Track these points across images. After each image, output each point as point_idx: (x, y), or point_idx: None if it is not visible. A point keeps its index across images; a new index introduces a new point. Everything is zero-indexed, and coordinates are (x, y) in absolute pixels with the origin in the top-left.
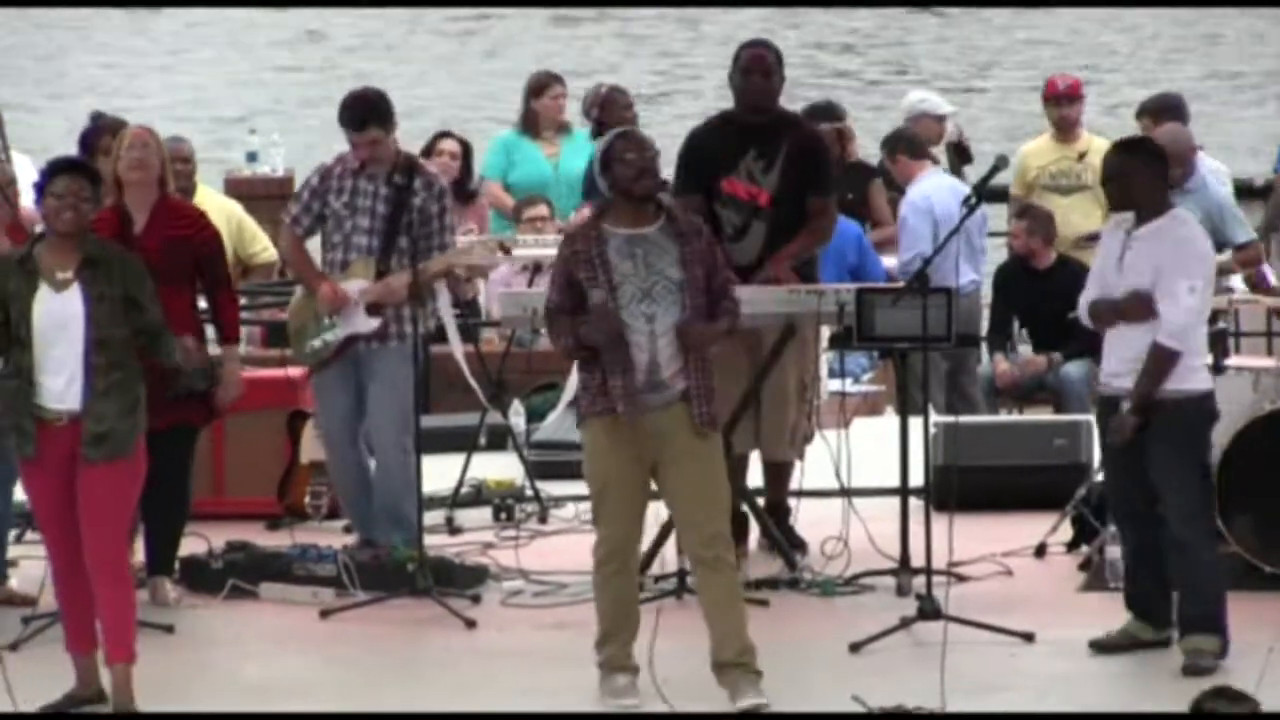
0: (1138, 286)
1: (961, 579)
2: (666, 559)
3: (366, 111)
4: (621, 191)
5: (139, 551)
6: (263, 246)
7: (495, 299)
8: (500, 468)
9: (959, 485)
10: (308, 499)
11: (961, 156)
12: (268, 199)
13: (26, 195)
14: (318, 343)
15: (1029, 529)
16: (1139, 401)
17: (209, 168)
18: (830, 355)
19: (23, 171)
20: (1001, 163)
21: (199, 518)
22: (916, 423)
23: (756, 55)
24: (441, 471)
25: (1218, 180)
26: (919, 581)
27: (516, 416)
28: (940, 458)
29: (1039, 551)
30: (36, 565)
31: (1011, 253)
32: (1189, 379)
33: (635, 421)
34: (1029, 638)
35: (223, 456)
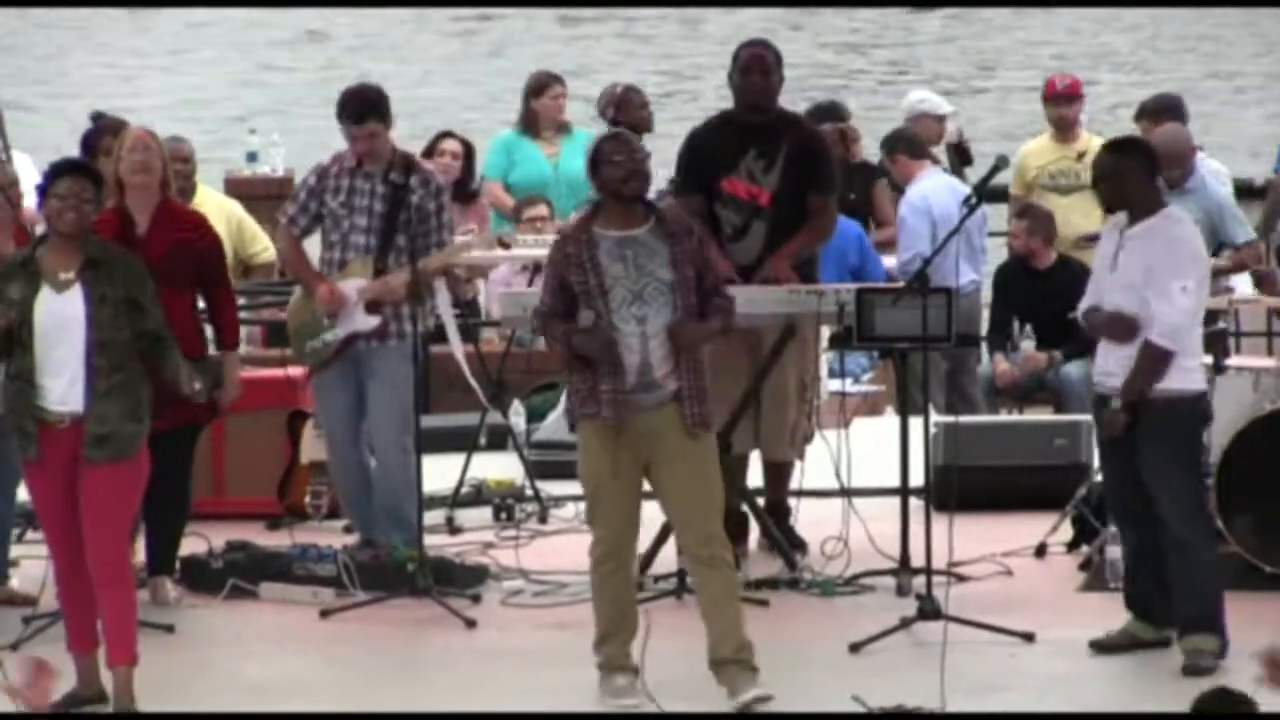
0: (1130, 285)
1: (961, 579)
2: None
3: (365, 105)
4: (611, 193)
5: (139, 551)
6: (263, 246)
7: (495, 299)
8: (500, 468)
9: (959, 485)
10: (308, 499)
11: (962, 158)
12: (268, 199)
13: (28, 196)
14: (318, 343)
15: (1029, 529)
16: (1128, 397)
17: (209, 168)
18: (830, 355)
19: (23, 170)
20: (1001, 163)
21: (199, 518)
22: (916, 423)
23: (756, 55)
24: (441, 471)
25: (1218, 180)
26: (919, 581)
27: (516, 416)
28: (940, 458)
29: (1039, 551)
30: (37, 565)
31: (1011, 253)
32: (1182, 379)
33: (624, 425)
34: (1029, 638)
35: (223, 456)
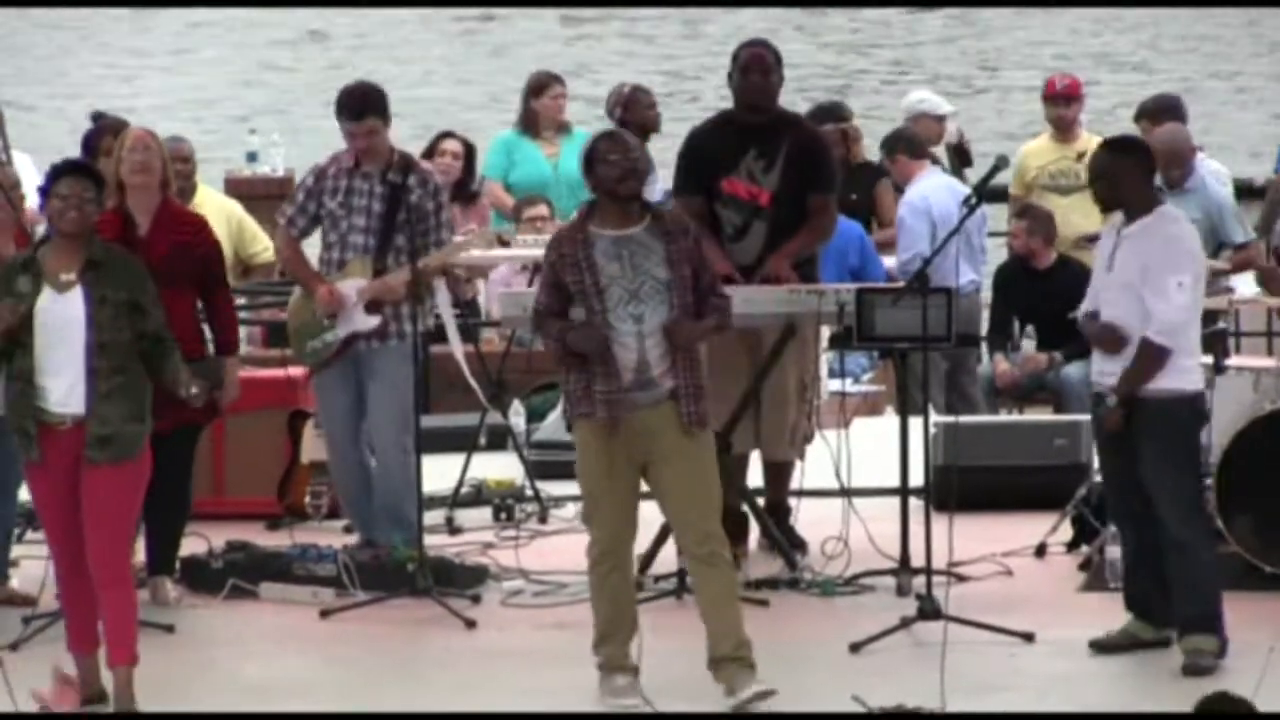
0: (1127, 284)
1: (961, 579)
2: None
3: (364, 102)
4: (606, 192)
5: (140, 551)
6: (263, 246)
7: (495, 299)
8: (500, 468)
9: (959, 485)
10: (308, 499)
11: (962, 159)
12: (268, 199)
13: (29, 197)
14: (318, 343)
15: (1029, 529)
16: (1123, 394)
17: (209, 168)
18: (830, 355)
19: (24, 170)
20: (1002, 163)
21: (199, 518)
22: (916, 423)
23: (755, 55)
24: (441, 471)
25: (1217, 181)
26: (919, 581)
27: (516, 416)
28: (940, 458)
29: (1039, 551)
30: (37, 565)
31: (1011, 253)
32: (1180, 379)
33: (618, 424)
34: (1029, 638)
35: (223, 456)
